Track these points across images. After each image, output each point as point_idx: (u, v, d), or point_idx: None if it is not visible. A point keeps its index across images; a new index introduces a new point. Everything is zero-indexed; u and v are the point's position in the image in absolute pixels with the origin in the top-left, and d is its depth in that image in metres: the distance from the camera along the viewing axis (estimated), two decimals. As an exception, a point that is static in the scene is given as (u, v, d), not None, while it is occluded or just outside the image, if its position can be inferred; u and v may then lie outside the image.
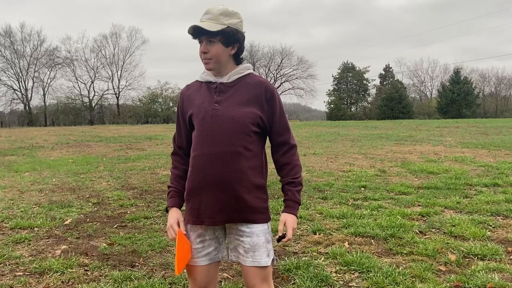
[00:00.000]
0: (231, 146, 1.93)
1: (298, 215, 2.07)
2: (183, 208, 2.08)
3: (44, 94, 57.84)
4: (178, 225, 2.02)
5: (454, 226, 4.72)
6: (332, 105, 66.63)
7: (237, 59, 2.06)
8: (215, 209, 1.95)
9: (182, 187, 2.09)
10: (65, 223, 5.16)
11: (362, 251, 3.98)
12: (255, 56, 64.73)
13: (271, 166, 2.09)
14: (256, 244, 1.97)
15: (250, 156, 1.97)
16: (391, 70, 68.53)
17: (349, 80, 68.99)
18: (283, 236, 1.99)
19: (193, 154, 2.01)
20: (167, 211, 2.10)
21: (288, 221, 2.00)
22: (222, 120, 1.95)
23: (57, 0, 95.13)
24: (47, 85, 57.74)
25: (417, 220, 5.06)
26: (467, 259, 3.79)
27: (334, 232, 4.65)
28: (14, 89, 56.09)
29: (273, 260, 2.03)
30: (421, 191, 6.79)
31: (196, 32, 1.96)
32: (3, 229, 4.91)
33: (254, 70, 2.12)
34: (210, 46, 1.97)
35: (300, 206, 2.57)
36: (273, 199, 6.02)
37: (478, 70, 72.63)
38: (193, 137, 2.03)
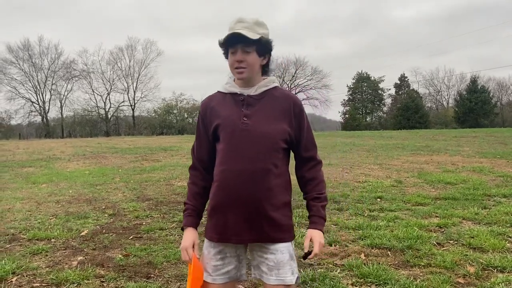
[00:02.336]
0: (261, 163, 1.88)
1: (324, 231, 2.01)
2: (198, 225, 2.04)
3: (61, 106, 58.79)
4: (193, 248, 1.97)
5: (472, 237, 4.64)
6: (347, 115, 66.39)
7: (265, 71, 2.03)
8: (243, 227, 1.90)
9: (200, 204, 2.05)
10: (81, 234, 5.20)
11: (379, 263, 3.93)
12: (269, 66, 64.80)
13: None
14: (281, 261, 1.90)
15: (278, 173, 1.92)
16: (406, 79, 68.06)
17: (364, 90, 68.71)
18: (309, 252, 1.91)
19: (221, 168, 1.95)
20: (182, 229, 2.04)
21: (314, 236, 1.93)
22: (252, 135, 1.90)
23: (74, 14, 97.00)
24: (64, 97, 58.69)
25: (434, 232, 4.98)
26: (486, 271, 3.71)
27: (350, 243, 4.61)
28: (32, 102, 57.14)
29: (297, 278, 1.95)
30: (438, 202, 6.70)
31: (234, 39, 1.89)
32: (21, 240, 4.97)
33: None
34: (246, 55, 1.91)
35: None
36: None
37: (495, 79, 71.23)
38: (219, 151, 1.97)
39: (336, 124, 76.41)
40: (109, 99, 60.33)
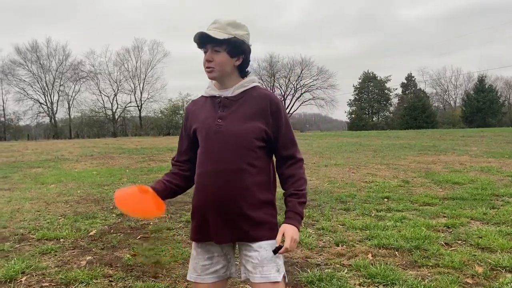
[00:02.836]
0: (234, 164, 1.89)
1: (300, 227, 1.97)
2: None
3: (69, 107, 59.26)
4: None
5: (480, 237, 4.62)
6: (353, 115, 66.26)
7: (242, 72, 2.02)
8: (222, 227, 1.92)
9: (160, 185, 2.07)
10: (89, 234, 5.23)
11: (386, 263, 3.93)
12: (275, 67, 64.59)
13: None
14: (264, 258, 1.89)
15: (255, 172, 1.92)
16: (413, 79, 67.76)
17: (370, 90, 68.46)
18: (280, 247, 1.87)
19: (198, 172, 1.99)
20: None
21: (286, 231, 1.88)
22: (225, 136, 1.91)
23: (81, 15, 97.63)
24: (72, 98, 59.16)
25: (442, 232, 4.97)
26: (494, 272, 3.70)
27: (357, 243, 4.60)
28: (41, 103, 57.64)
29: (284, 276, 1.94)
30: (446, 202, 6.67)
31: (202, 39, 1.93)
32: (30, 240, 5.01)
33: (274, 81, 2.10)
34: (214, 54, 1.93)
35: (323, 218, 2.51)
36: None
37: (502, 78, 71.08)
38: (198, 154, 2.01)
39: (342, 124, 76.38)
40: (116, 100, 60.73)
